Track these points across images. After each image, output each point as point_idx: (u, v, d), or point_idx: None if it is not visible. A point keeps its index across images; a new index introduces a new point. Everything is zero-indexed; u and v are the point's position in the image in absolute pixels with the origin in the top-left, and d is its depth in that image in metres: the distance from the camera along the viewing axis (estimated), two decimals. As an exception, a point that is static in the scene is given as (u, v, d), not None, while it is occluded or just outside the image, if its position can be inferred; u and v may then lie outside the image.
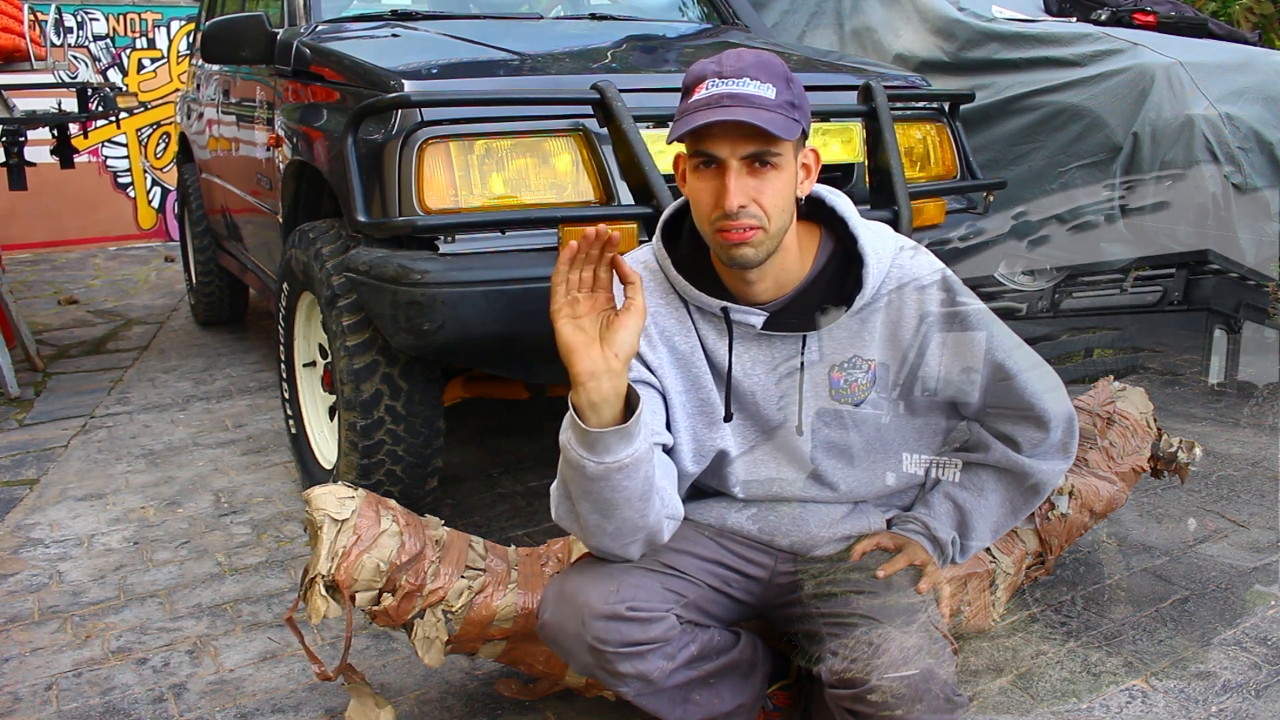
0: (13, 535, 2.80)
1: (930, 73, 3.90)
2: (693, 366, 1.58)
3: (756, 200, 1.40)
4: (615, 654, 1.47)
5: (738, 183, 1.39)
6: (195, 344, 4.93)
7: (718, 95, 1.37)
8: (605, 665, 1.48)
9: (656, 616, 1.50)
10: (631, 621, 1.47)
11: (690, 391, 1.60)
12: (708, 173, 1.42)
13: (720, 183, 1.40)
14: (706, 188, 1.43)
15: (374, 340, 2.34)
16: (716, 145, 1.39)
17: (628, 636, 1.47)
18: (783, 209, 1.43)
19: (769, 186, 1.40)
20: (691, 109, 1.39)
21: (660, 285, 1.59)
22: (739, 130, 1.37)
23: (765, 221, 1.41)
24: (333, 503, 1.72)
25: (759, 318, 1.53)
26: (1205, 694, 1.91)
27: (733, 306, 1.53)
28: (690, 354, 1.58)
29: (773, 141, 1.38)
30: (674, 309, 1.58)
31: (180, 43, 8.00)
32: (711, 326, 1.57)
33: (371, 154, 2.20)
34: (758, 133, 1.37)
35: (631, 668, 1.49)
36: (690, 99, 1.40)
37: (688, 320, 1.58)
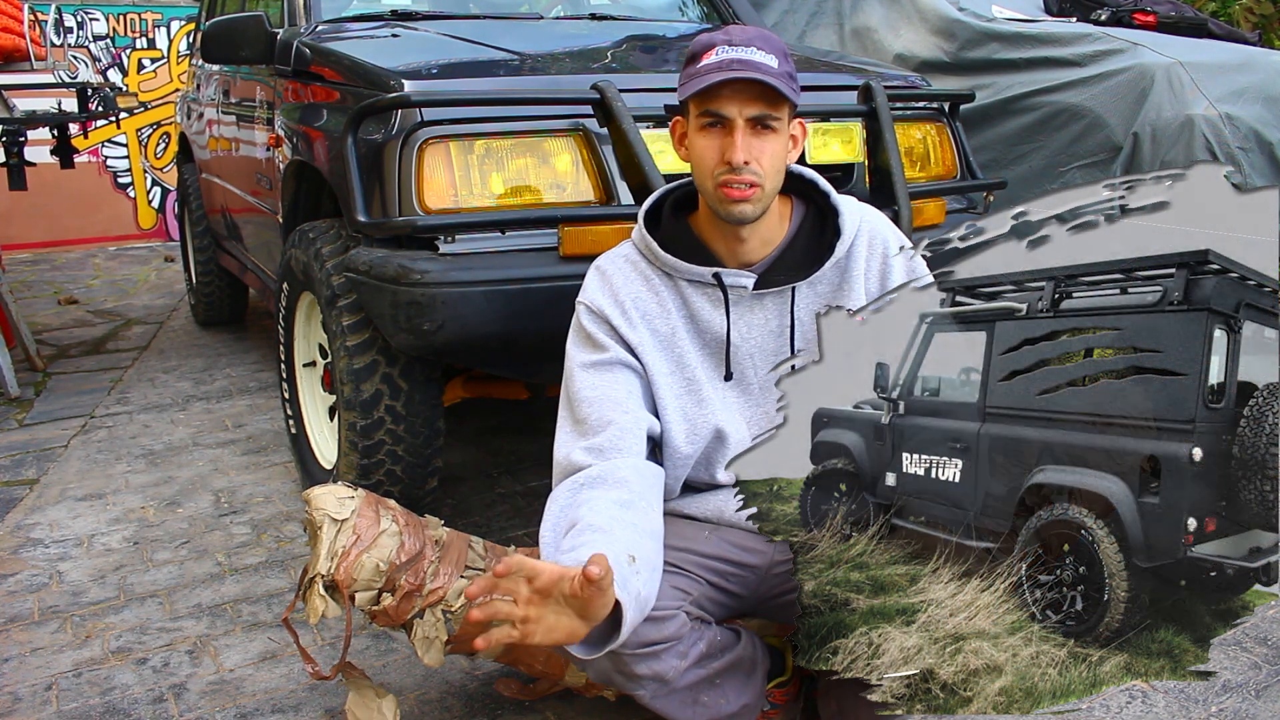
0: (13, 535, 2.80)
1: (930, 73, 3.90)
2: (675, 346, 1.64)
3: (758, 159, 1.51)
4: (631, 656, 1.47)
5: (744, 140, 1.50)
6: (195, 344, 4.93)
7: (728, 60, 1.47)
8: (622, 668, 1.49)
9: (668, 614, 1.51)
10: (645, 622, 1.47)
11: (675, 372, 1.64)
12: (714, 131, 1.52)
13: (727, 140, 1.51)
14: (712, 145, 1.52)
15: (374, 340, 2.34)
16: (726, 105, 1.49)
17: (642, 637, 1.47)
18: (778, 170, 1.55)
19: (769, 148, 1.52)
20: (702, 72, 1.49)
21: (639, 273, 1.65)
22: (749, 92, 1.48)
23: (763, 179, 1.52)
24: (332, 503, 1.72)
25: (750, 278, 1.61)
26: (1205, 694, 1.91)
27: (724, 271, 1.61)
28: (671, 334, 1.63)
29: (776, 105, 1.50)
30: (654, 293, 1.64)
31: (180, 43, 8.00)
32: (705, 298, 1.63)
33: (371, 154, 2.20)
34: (764, 95, 1.48)
35: (647, 668, 1.49)
36: (699, 64, 1.50)
37: (668, 302, 1.63)
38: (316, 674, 1.78)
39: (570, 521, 1.45)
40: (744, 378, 1.65)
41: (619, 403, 1.57)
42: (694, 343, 1.64)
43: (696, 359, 1.64)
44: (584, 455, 1.54)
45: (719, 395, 1.65)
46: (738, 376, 1.65)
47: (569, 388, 1.64)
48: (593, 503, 1.45)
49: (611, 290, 1.64)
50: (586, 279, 1.68)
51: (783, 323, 1.63)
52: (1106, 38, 3.70)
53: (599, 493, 1.48)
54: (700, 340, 1.64)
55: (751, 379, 1.65)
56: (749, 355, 1.64)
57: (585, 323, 1.63)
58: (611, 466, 1.52)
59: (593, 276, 1.68)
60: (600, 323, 1.62)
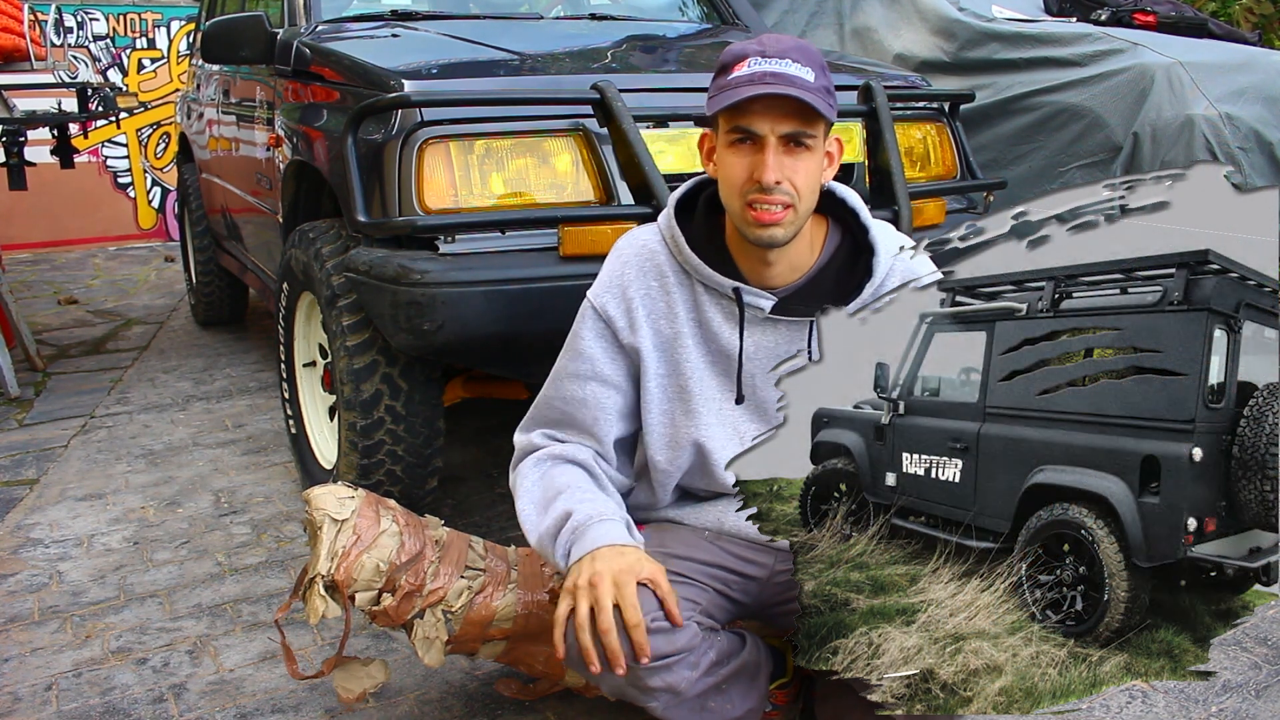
0: (13, 535, 2.80)
1: (930, 73, 3.90)
2: (675, 351, 1.59)
3: (790, 179, 1.43)
4: (646, 670, 1.46)
5: (775, 159, 1.42)
6: (195, 344, 4.93)
7: (761, 73, 1.39)
8: (636, 682, 1.48)
9: (680, 627, 1.50)
10: (657, 634, 1.46)
11: (670, 376, 1.60)
12: (744, 148, 1.44)
13: (757, 158, 1.42)
14: (741, 162, 1.44)
15: (374, 340, 2.33)
16: (757, 121, 1.41)
17: (656, 650, 1.46)
18: (812, 190, 1.47)
19: (802, 166, 1.44)
20: (733, 84, 1.41)
21: (654, 267, 1.60)
22: (782, 108, 1.40)
23: (796, 200, 1.44)
24: (332, 503, 1.72)
25: (768, 301, 1.55)
26: (1205, 694, 1.91)
27: (745, 288, 1.54)
28: (674, 338, 1.59)
29: (811, 123, 1.42)
30: (665, 292, 1.59)
31: (180, 43, 8.00)
32: (720, 308, 1.58)
33: (371, 154, 2.20)
34: (799, 111, 1.40)
35: (661, 681, 1.48)
36: (730, 75, 1.42)
37: (678, 304, 1.58)
38: (294, 673, 1.78)
39: (551, 493, 1.55)
40: (747, 398, 1.61)
41: (588, 426, 1.63)
42: (699, 350, 1.60)
43: (698, 369, 1.60)
44: (544, 439, 1.64)
45: (713, 411, 1.61)
46: (749, 397, 1.61)
47: (553, 382, 1.66)
48: (566, 474, 1.57)
49: (622, 285, 1.60)
50: (606, 263, 1.64)
51: (795, 350, 1.57)
52: (1106, 38, 3.70)
53: (567, 466, 1.59)
54: (706, 349, 1.60)
55: (752, 399, 1.61)
56: (750, 375, 1.59)
57: (587, 325, 1.62)
58: (573, 448, 1.62)
59: (610, 264, 1.63)
60: (601, 327, 1.61)
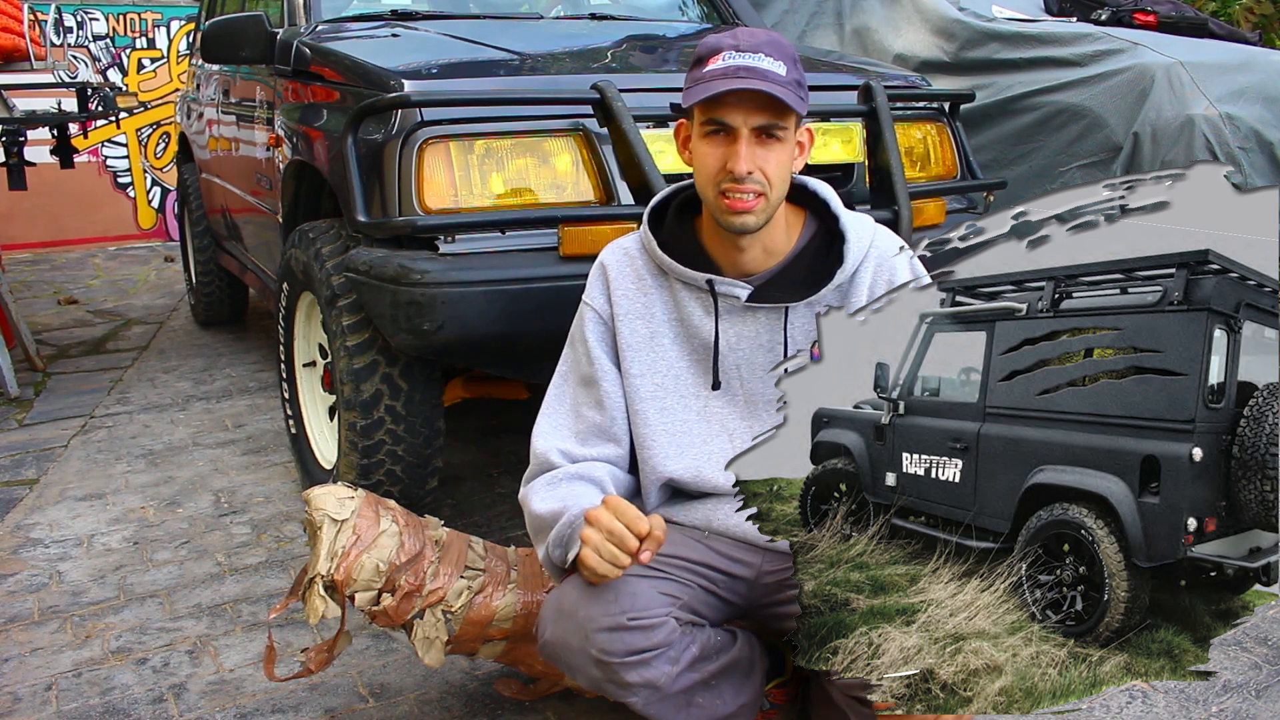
0: (13, 535, 2.80)
1: (930, 73, 3.90)
2: (654, 349, 1.64)
3: (762, 169, 1.48)
4: (621, 664, 1.47)
5: (748, 150, 1.47)
6: (195, 344, 4.93)
7: (735, 67, 1.44)
8: (612, 677, 1.49)
9: (657, 622, 1.51)
10: (634, 630, 1.47)
11: (647, 375, 1.65)
12: (718, 139, 1.49)
13: (731, 149, 1.48)
14: (714, 153, 1.49)
15: (374, 340, 2.34)
16: (730, 114, 1.46)
17: (632, 645, 1.47)
18: (783, 179, 1.52)
19: (774, 157, 1.49)
20: (707, 78, 1.46)
21: (632, 271, 1.65)
22: (754, 101, 1.45)
23: (768, 189, 1.49)
24: (332, 503, 1.72)
25: (744, 290, 1.59)
26: (1205, 694, 1.91)
27: (717, 279, 1.59)
28: (650, 337, 1.64)
29: (782, 115, 1.47)
30: (643, 293, 1.64)
31: (180, 43, 8.00)
32: (698, 303, 1.62)
33: (371, 154, 2.20)
34: (770, 105, 1.45)
35: (638, 676, 1.49)
36: (705, 68, 1.47)
37: (655, 304, 1.64)
38: (270, 674, 1.79)
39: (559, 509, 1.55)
40: (730, 388, 1.64)
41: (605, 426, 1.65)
42: (679, 346, 1.64)
43: (679, 363, 1.64)
44: (561, 459, 1.63)
45: (699, 402, 1.64)
46: (725, 386, 1.64)
47: (563, 386, 1.69)
48: (574, 488, 1.58)
49: (606, 287, 1.66)
50: (591, 272, 1.70)
51: (774, 339, 1.61)
52: (1107, 38, 3.71)
53: (577, 482, 1.59)
54: (688, 345, 1.64)
55: (738, 389, 1.64)
56: (735, 365, 1.63)
57: (588, 327, 1.66)
58: (587, 466, 1.62)
59: (594, 271, 1.70)
60: (601, 329, 1.65)
